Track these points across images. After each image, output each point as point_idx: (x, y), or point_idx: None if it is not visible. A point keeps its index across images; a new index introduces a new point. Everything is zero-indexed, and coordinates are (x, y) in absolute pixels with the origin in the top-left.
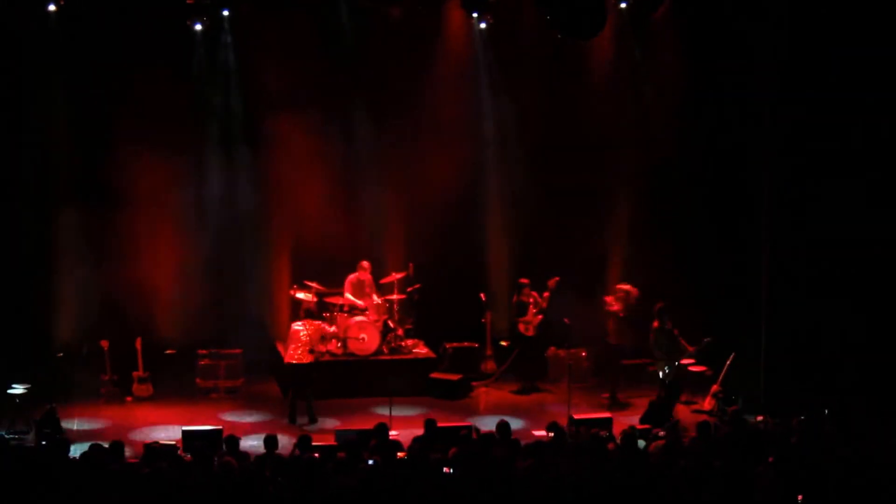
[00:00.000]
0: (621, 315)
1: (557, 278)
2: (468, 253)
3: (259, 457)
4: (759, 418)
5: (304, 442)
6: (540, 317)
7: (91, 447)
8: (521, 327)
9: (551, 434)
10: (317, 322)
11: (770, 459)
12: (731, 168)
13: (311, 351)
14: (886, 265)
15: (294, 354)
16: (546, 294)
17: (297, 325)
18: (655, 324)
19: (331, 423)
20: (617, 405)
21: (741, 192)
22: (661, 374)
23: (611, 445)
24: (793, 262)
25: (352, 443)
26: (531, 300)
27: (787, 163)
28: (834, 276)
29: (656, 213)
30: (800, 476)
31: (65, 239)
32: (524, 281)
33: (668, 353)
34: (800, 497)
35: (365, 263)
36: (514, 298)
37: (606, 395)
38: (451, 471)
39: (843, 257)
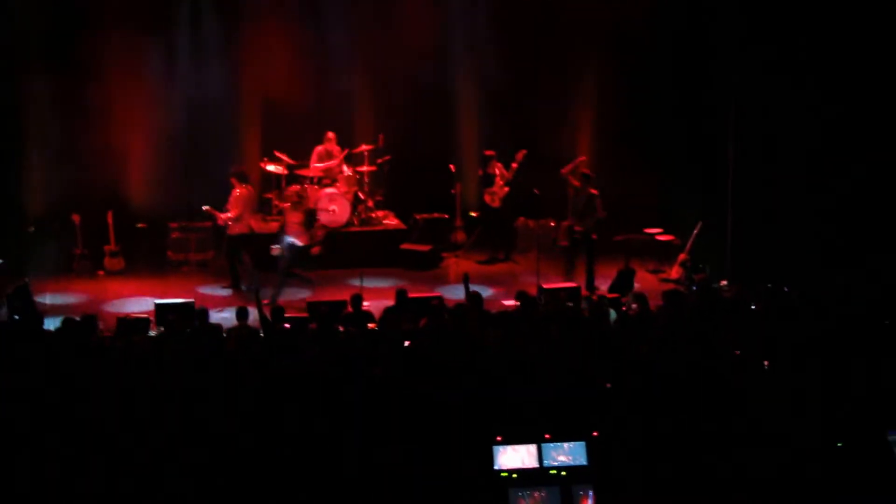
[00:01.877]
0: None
1: (525, 151)
2: (438, 124)
3: (231, 329)
4: (723, 283)
5: (276, 313)
6: (506, 189)
7: (63, 321)
8: (488, 198)
9: (520, 303)
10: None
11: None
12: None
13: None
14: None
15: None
16: (514, 165)
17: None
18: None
19: (302, 295)
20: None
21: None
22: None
23: (585, 314)
24: (760, 126)
25: (324, 314)
26: (497, 172)
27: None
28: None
29: (623, 78)
30: (764, 343)
31: (35, 111)
32: (490, 153)
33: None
34: (766, 363)
35: (330, 134)
36: (480, 171)
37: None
38: (422, 341)
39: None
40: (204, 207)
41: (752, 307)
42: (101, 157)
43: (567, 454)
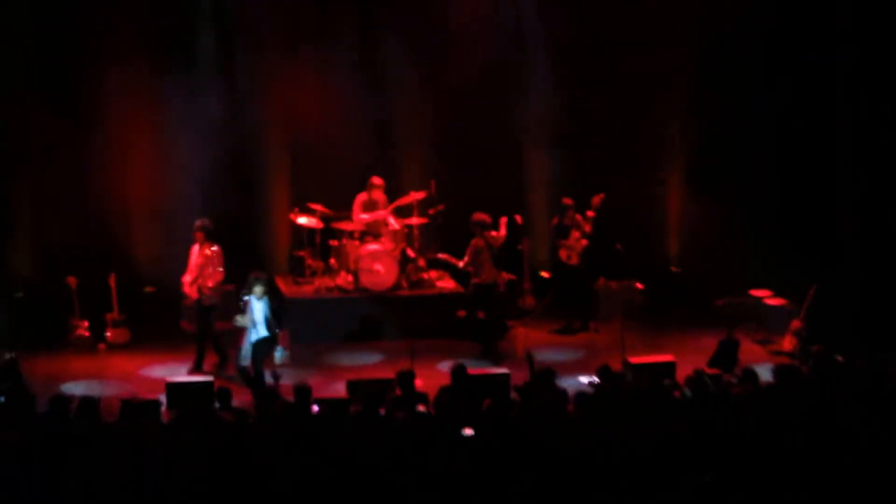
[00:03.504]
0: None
1: (602, 195)
2: (501, 168)
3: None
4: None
5: (302, 394)
6: (584, 242)
7: (53, 402)
8: (564, 255)
9: (602, 381)
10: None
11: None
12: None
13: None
14: None
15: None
16: (590, 214)
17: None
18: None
19: (340, 371)
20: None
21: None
22: None
23: (676, 393)
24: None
25: (367, 395)
26: (576, 223)
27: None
28: None
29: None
30: None
31: (27, 157)
32: (567, 202)
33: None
34: None
35: (377, 180)
36: (555, 220)
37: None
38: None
39: None
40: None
41: (883, 386)
42: (101, 211)
43: None
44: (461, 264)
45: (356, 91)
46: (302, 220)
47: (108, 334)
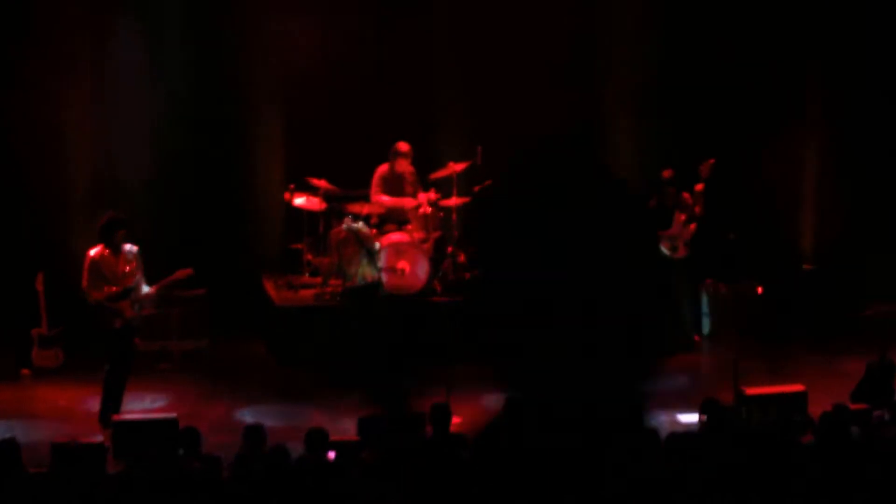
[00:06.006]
0: None
1: (713, 161)
2: (570, 127)
3: (239, 457)
4: None
5: (314, 440)
6: (693, 226)
7: None
8: (666, 245)
9: (707, 418)
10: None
11: None
12: None
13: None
14: None
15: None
16: (698, 188)
17: None
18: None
19: (349, 406)
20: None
21: None
22: None
23: (808, 437)
24: None
25: (389, 436)
26: (680, 203)
27: None
28: None
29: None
30: None
31: None
32: (667, 174)
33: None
34: None
35: (403, 146)
36: (652, 202)
37: None
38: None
39: None
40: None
41: None
42: (29, 192)
43: None
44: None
45: (374, 24)
46: (299, 200)
47: (34, 356)
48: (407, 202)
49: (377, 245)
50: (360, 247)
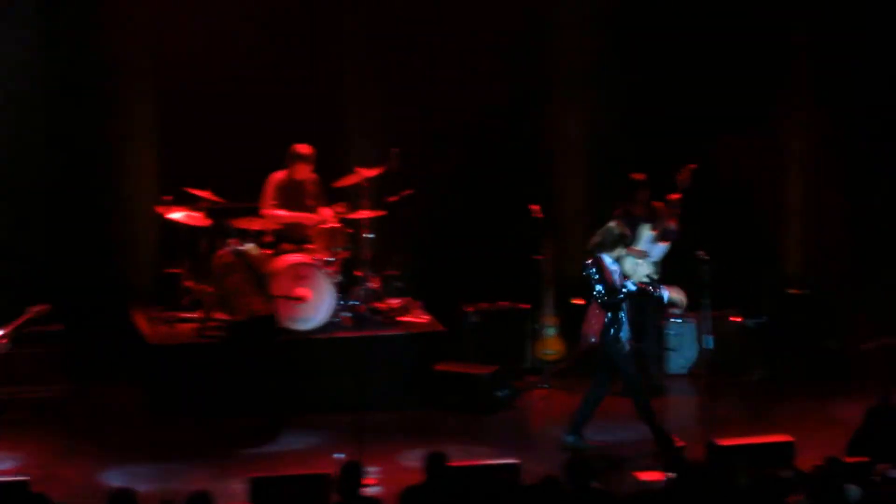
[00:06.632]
0: None
1: (693, 166)
2: (505, 126)
3: None
4: None
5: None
6: (666, 242)
7: None
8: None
9: (671, 476)
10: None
11: None
12: None
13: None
14: None
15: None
16: (674, 198)
17: None
18: None
19: (239, 464)
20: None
21: None
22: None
23: (796, 497)
24: None
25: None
26: (651, 213)
27: None
28: None
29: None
30: None
31: None
32: (638, 177)
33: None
34: None
35: (303, 149)
36: (618, 210)
37: None
38: None
39: None
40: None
41: None
42: None
43: None
44: None
45: (268, 5)
46: (176, 215)
47: None
48: (308, 217)
49: (271, 269)
50: (249, 272)
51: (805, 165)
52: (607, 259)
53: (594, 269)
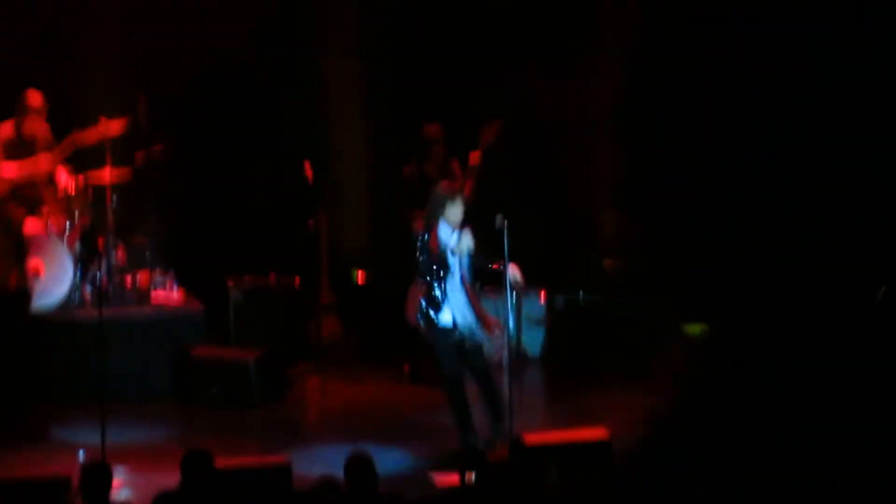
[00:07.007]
0: None
1: (498, 125)
2: (274, 71)
3: None
4: None
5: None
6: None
7: None
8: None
9: (472, 476)
10: None
11: None
12: None
13: None
14: None
15: None
16: (474, 159)
17: None
18: None
19: None
20: None
21: None
22: None
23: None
24: None
25: None
26: (447, 172)
27: None
28: None
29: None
30: None
31: None
32: (433, 131)
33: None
34: None
35: (35, 97)
36: (407, 169)
37: None
38: None
39: None
40: None
41: None
42: None
43: None
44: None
45: None
46: None
47: None
48: (40, 171)
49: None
50: None
51: (614, 109)
52: (443, 225)
53: (424, 236)
